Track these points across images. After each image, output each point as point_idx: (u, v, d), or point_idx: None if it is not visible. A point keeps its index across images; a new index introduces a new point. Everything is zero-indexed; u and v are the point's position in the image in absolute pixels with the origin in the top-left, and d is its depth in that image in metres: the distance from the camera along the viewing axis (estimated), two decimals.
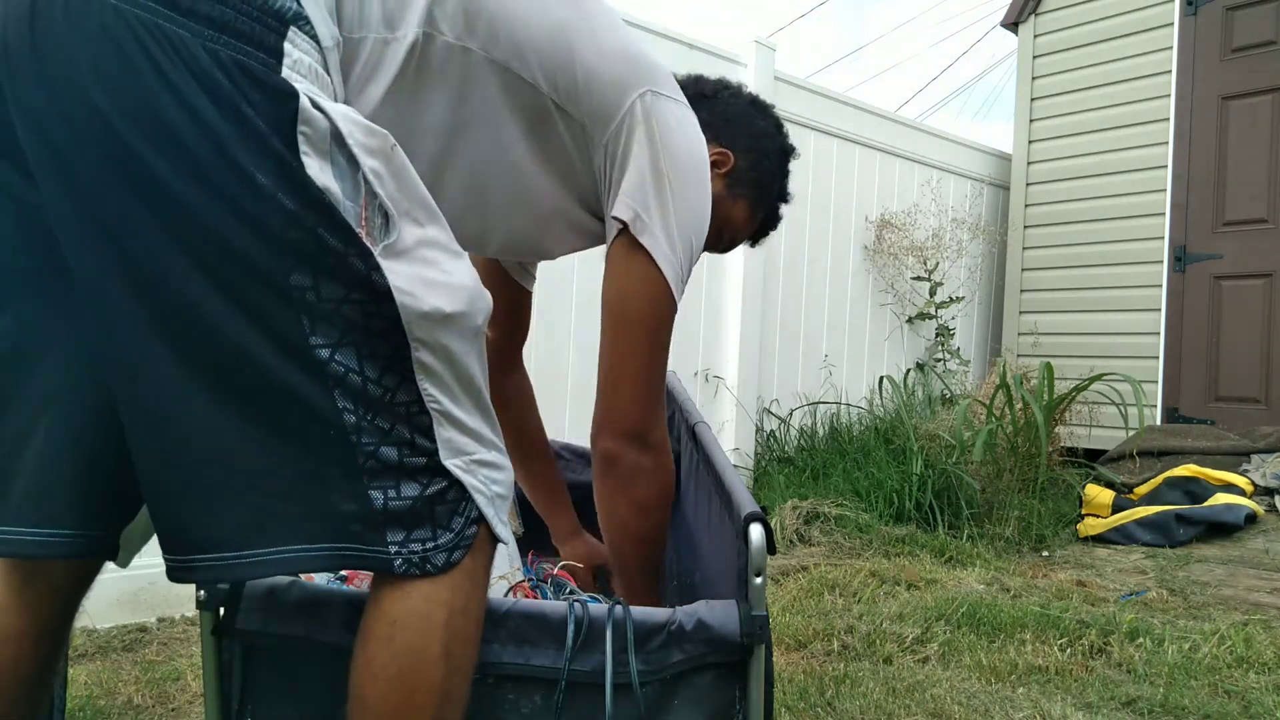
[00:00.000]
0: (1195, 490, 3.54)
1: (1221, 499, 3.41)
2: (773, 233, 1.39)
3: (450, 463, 0.81)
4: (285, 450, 0.75)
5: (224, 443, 0.74)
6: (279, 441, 0.75)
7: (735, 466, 1.35)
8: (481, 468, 0.84)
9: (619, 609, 0.91)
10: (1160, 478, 3.68)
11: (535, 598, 1.33)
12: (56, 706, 1.19)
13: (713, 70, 4.05)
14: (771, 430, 4.06)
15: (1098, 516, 3.55)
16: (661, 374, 1.09)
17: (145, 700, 1.80)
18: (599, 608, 0.92)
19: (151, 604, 2.31)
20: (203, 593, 0.94)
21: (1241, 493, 3.46)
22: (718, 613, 0.91)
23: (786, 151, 1.33)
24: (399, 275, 0.76)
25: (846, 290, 4.50)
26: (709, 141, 1.17)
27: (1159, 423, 4.44)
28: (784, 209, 1.37)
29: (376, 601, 0.81)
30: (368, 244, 0.75)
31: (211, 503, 0.75)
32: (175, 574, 0.76)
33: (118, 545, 0.91)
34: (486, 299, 0.85)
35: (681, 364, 3.68)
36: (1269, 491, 3.50)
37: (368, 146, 0.76)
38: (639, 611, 0.92)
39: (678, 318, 1.11)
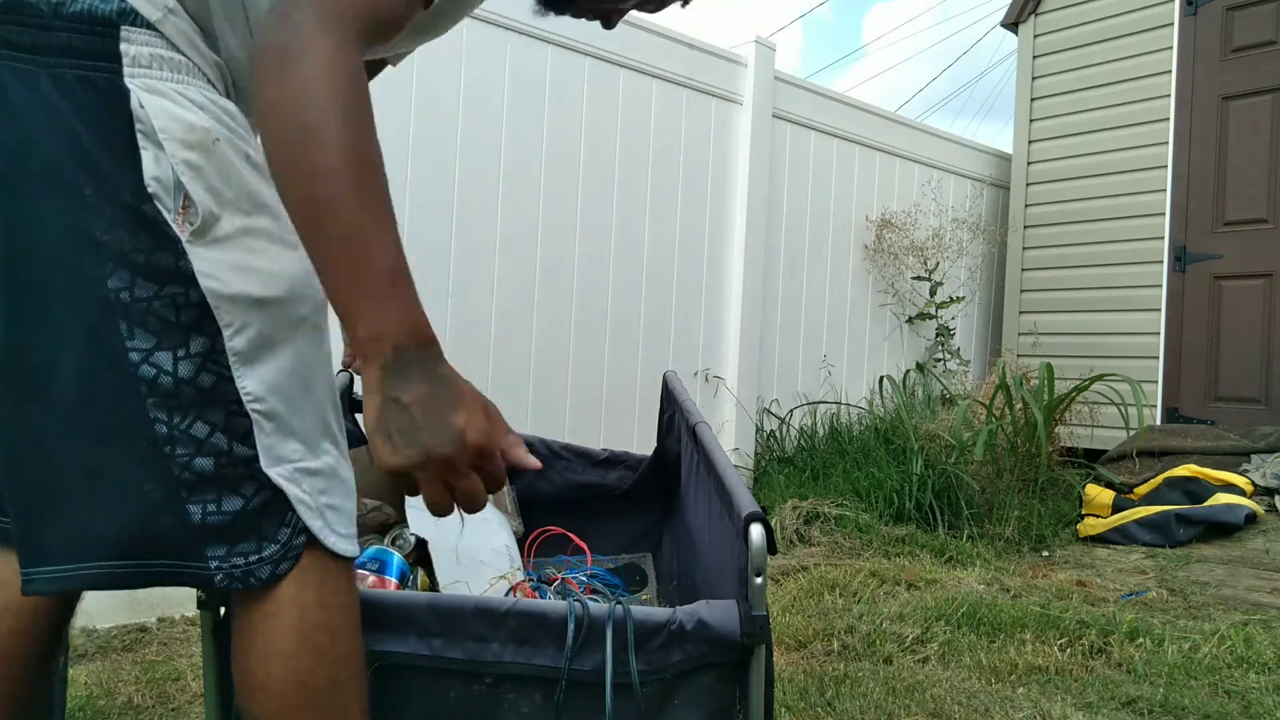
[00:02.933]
0: (1195, 490, 3.54)
1: (1221, 499, 3.41)
2: None
3: (273, 471, 0.79)
4: (103, 466, 0.76)
5: (51, 459, 0.76)
6: (90, 456, 0.76)
7: (735, 466, 1.35)
8: (307, 477, 0.81)
9: (619, 609, 0.91)
10: (1160, 478, 3.68)
11: (535, 598, 1.33)
12: (57, 706, 1.19)
13: (713, 70, 4.04)
14: (771, 430, 4.06)
15: (1098, 516, 3.55)
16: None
17: (145, 700, 1.80)
18: (599, 607, 0.92)
19: (151, 604, 2.31)
20: (203, 593, 0.94)
21: (1241, 493, 3.46)
22: (718, 613, 0.91)
23: None
24: (205, 260, 0.77)
25: (846, 290, 4.50)
26: None
27: (1159, 423, 4.44)
28: None
29: (236, 614, 0.82)
30: (178, 233, 0.76)
31: (40, 518, 0.76)
32: (24, 586, 0.76)
33: None
34: (317, 289, 0.82)
35: (681, 364, 3.68)
36: (1269, 491, 3.50)
37: (185, 141, 0.77)
38: (639, 611, 0.92)
39: (677, 318, 1.06)
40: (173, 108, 0.78)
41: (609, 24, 1.09)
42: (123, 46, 0.76)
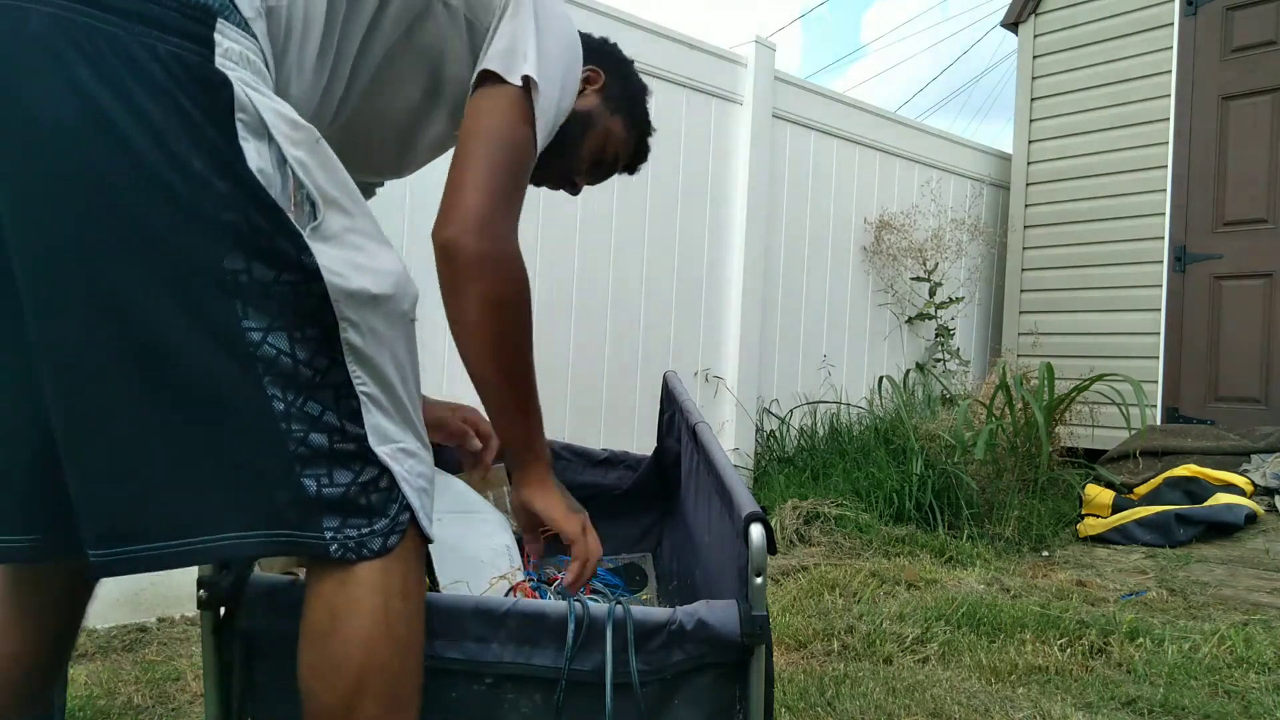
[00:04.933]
0: (1195, 490, 3.54)
1: (1221, 499, 3.40)
2: (644, 165, 1.42)
3: (379, 449, 0.83)
4: (217, 440, 0.76)
5: (158, 434, 0.75)
6: (211, 431, 0.76)
7: (735, 466, 1.35)
8: (406, 457, 0.85)
9: (619, 609, 0.91)
10: (1160, 478, 3.68)
11: (535, 598, 1.33)
12: (57, 707, 1.19)
13: (713, 70, 4.04)
14: (771, 430, 4.06)
15: (1098, 516, 3.54)
16: (514, 185, 1.00)
17: (145, 700, 1.80)
18: (599, 607, 0.92)
19: (151, 604, 2.31)
20: (203, 592, 0.94)
21: (1241, 493, 3.46)
22: (718, 613, 0.91)
23: (645, 85, 1.38)
24: (326, 256, 0.79)
25: (847, 290, 4.50)
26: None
27: (1159, 423, 4.43)
28: (651, 142, 1.40)
29: (314, 595, 0.83)
30: (296, 226, 0.77)
31: (147, 494, 0.75)
32: (104, 568, 0.74)
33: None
34: (414, 287, 0.88)
35: (681, 364, 3.68)
36: (1269, 491, 3.50)
37: (293, 138, 0.79)
38: (639, 611, 0.92)
39: (678, 318, 1.10)
40: (276, 104, 0.79)
41: (574, 189, 1.34)
42: (216, 37, 0.76)
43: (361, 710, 0.80)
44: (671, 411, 1.75)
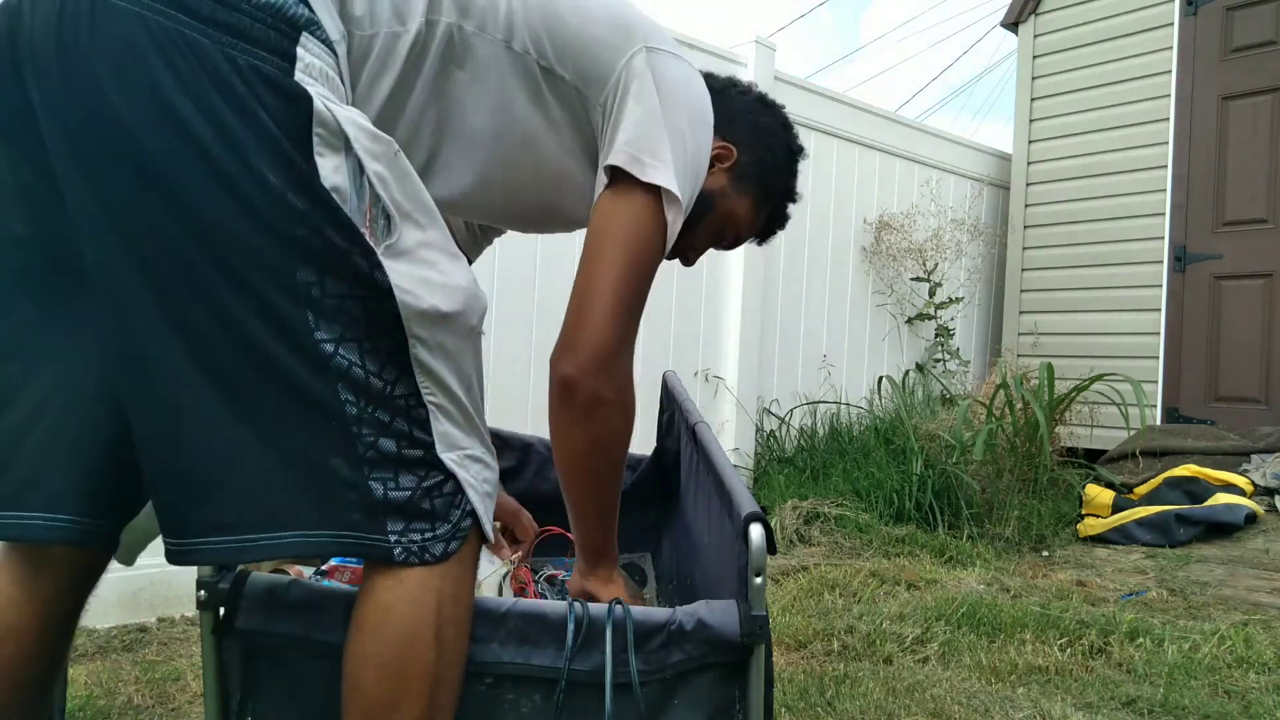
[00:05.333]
0: (1195, 490, 3.54)
1: (1221, 499, 3.40)
2: (780, 231, 1.35)
3: (446, 456, 0.84)
4: (289, 440, 0.78)
5: (230, 432, 0.76)
6: (283, 431, 0.78)
7: (735, 466, 1.35)
8: (473, 463, 0.87)
9: (619, 609, 0.91)
10: (1160, 478, 3.68)
11: (532, 586, 1.33)
12: (57, 706, 1.19)
13: (713, 70, 4.04)
14: (771, 430, 4.06)
15: (1098, 516, 3.54)
16: (637, 304, 1.02)
17: (145, 700, 1.80)
18: (599, 607, 0.92)
19: (151, 604, 2.31)
20: (203, 593, 0.94)
21: (1241, 493, 3.46)
22: (718, 613, 0.91)
23: (794, 151, 1.29)
24: (399, 274, 0.79)
25: (846, 290, 4.50)
26: (714, 136, 1.16)
27: (1159, 423, 4.43)
28: (791, 209, 1.33)
29: (370, 590, 0.84)
30: (371, 243, 0.78)
31: (218, 489, 0.77)
32: (177, 557, 0.77)
33: (118, 537, 0.93)
34: (482, 300, 0.88)
35: (681, 364, 3.67)
36: (1269, 491, 3.50)
37: (372, 151, 0.79)
38: (639, 611, 0.92)
39: (678, 318, 1.10)
40: (355, 116, 0.79)
41: (687, 262, 1.29)
42: (299, 50, 0.77)
43: (403, 708, 0.82)
44: (671, 411, 1.75)
